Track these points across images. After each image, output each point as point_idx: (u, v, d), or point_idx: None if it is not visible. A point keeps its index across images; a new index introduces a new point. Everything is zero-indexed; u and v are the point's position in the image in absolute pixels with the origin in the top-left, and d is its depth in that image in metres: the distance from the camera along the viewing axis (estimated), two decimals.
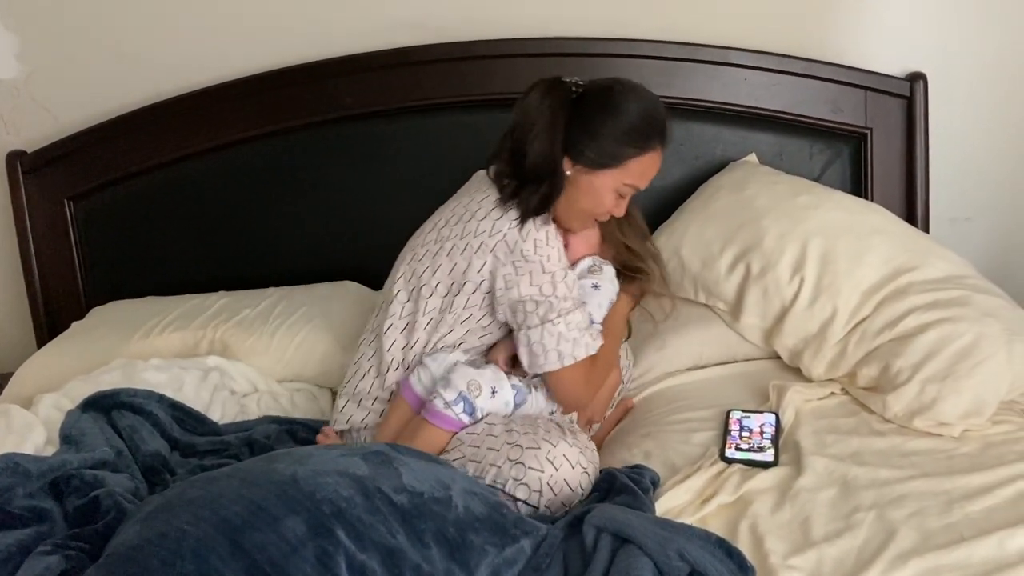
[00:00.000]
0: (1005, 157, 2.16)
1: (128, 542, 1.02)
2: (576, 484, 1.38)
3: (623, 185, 1.52)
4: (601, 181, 1.52)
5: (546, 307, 1.48)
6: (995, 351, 1.51)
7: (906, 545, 1.20)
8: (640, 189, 1.55)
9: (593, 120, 1.50)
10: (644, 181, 1.54)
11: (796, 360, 1.73)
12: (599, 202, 1.53)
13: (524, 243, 1.48)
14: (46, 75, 2.24)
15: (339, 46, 2.14)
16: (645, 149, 1.50)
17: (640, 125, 1.50)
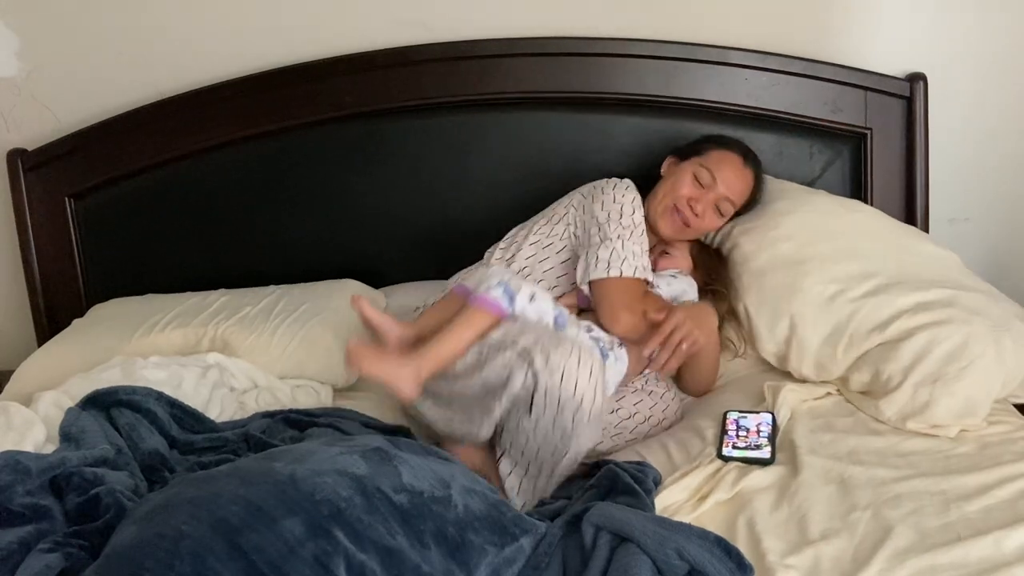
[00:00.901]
0: (1005, 158, 2.16)
1: (125, 542, 1.02)
2: (577, 405, 1.39)
3: (700, 167, 1.78)
4: (684, 167, 1.81)
5: (607, 229, 1.67)
6: (984, 350, 1.51)
7: (903, 544, 1.21)
8: (716, 184, 1.77)
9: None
10: (720, 171, 1.78)
11: (784, 364, 1.73)
12: (679, 184, 1.78)
13: (607, 186, 1.74)
14: (47, 73, 2.23)
15: (339, 45, 2.14)
16: (725, 147, 1.82)
17: (725, 137, 1.87)
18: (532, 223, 1.84)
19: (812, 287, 1.69)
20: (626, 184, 1.76)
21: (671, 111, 2.11)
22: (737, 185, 1.80)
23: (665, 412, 1.68)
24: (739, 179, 1.80)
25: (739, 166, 1.81)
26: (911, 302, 1.62)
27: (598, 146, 2.12)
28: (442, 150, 2.15)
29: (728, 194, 1.79)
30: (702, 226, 1.81)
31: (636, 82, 2.08)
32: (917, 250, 1.76)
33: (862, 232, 1.78)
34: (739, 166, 1.81)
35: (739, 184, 1.81)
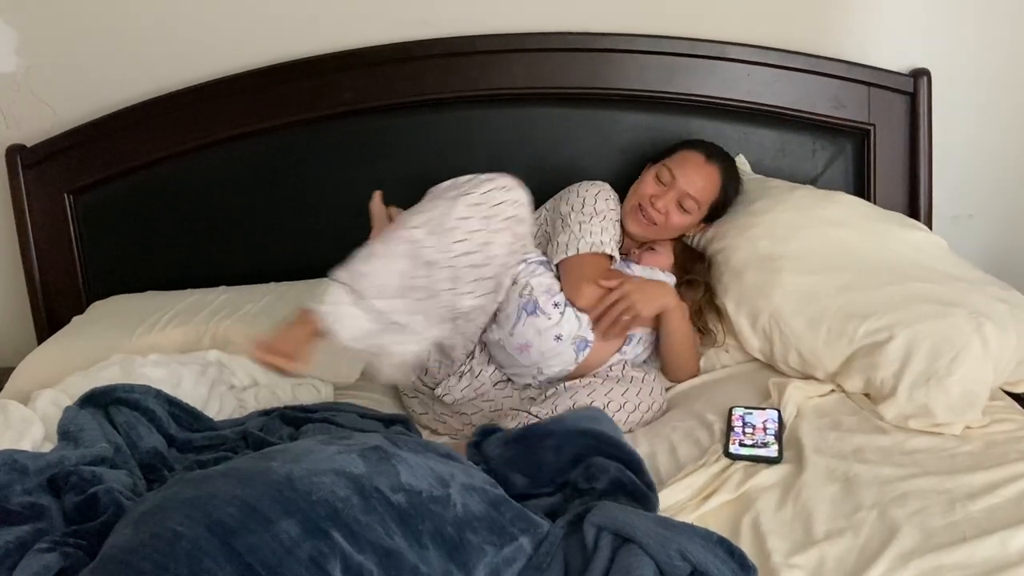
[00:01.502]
0: (1008, 154, 2.15)
1: (121, 544, 1.02)
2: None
3: (662, 167, 1.83)
4: (649, 169, 1.87)
5: (568, 219, 1.75)
6: (967, 340, 1.51)
7: (908, 544, 1.20)
8: (676, 181, 1.80)
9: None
10: (681, 169, 1.82)
11: (771, 359, 1.74)
12: (642, 184, 1.84)
13: (576, 187, 1.83)
14: (46, 69, 2.23)
15: (340, 40, 2.13)
16: (690, 147, 1.86)
17: (695, 140, 1.92)
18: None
19: (788, 282, 1.71)
20: (597, 184, 1.83)
21: (673, 107, 2.10)
22: (698, 181, 1.82)
23: (651, 396, 1.68)
24: (700, 176, 1.82)
25: (701, 163, 1.83)
26: (885, 295, 1.63)
27: (599, 142, 2.12)
28: (443, 146, 2.14)
29: (689, 190, 1.80)
30: (669, 223, 1.82)
31: (638, 78, 2.07)
32: (898, 238, 1.76)
33: (839, 223, 1.79)
34: (701, 163, 1.83)
35: (700, 180, 1.82)
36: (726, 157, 1.89)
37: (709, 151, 1.86)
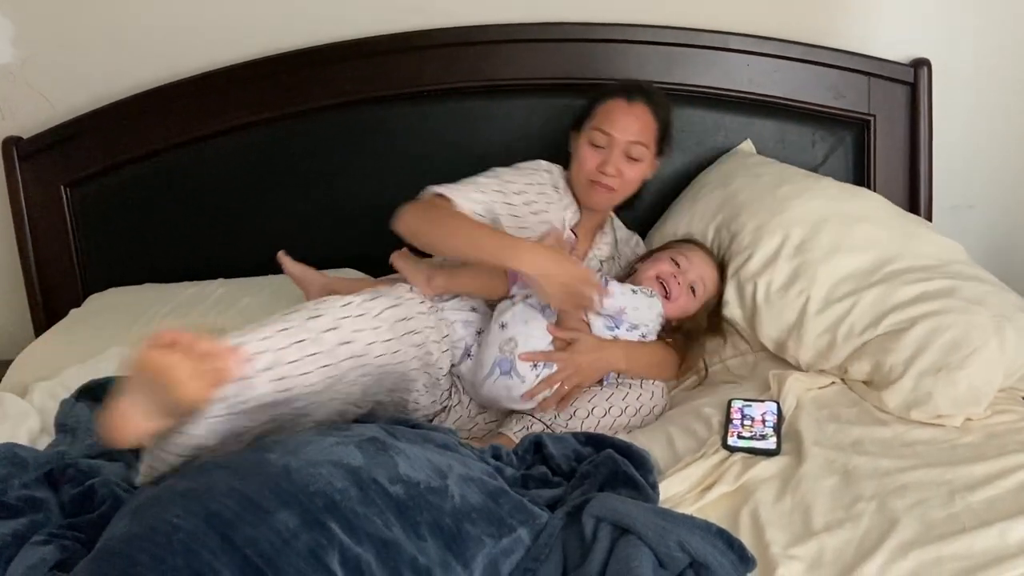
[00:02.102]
0: (1009, 145, 2.14)
1: (118, 536, 1.01)
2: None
3: (591, 131, 1.72)
4: (579, 139, 1.75)
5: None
6: (986, 340, 1.50)
7: (907, 535, 1.19)
8: (612, 136, 1.70)
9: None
10: (609, 122, 1.71)
11: (782, 351, 1.72)
12: (582, 159, 1.73)
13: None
14: (42, 61, 2.22)
15: (339, 31, 2.12)
16: (606, 96, 1.75)
17: (608, 85, 1.79)
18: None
19: (820, 274, 1.68)
20: (535, 162, 1.79)
21: (672, 97, 2.07)
22: (632, 125, 1.71)
23: (651, 400, 1.66)
24: (631, 118, 1.72)
25: (624, 107, 1.72)
26: (915, 291, 1.61)
27: None
28: (443, 137, 2.13)
29: (628, 138, 1.71)
30: (626, 182, 1.74)
31: (636, 68, 2.06)
32: (922, 238, 1.74)
33: (866, 219, 1.77)
34: (624, 107, 1.72)
35: (634, 123, 1.72)
36: (646, 89, 1.77)
37: (629, 89, 1.75)
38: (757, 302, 1.73)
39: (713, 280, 1.78)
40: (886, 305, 1.61)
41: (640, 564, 1.08)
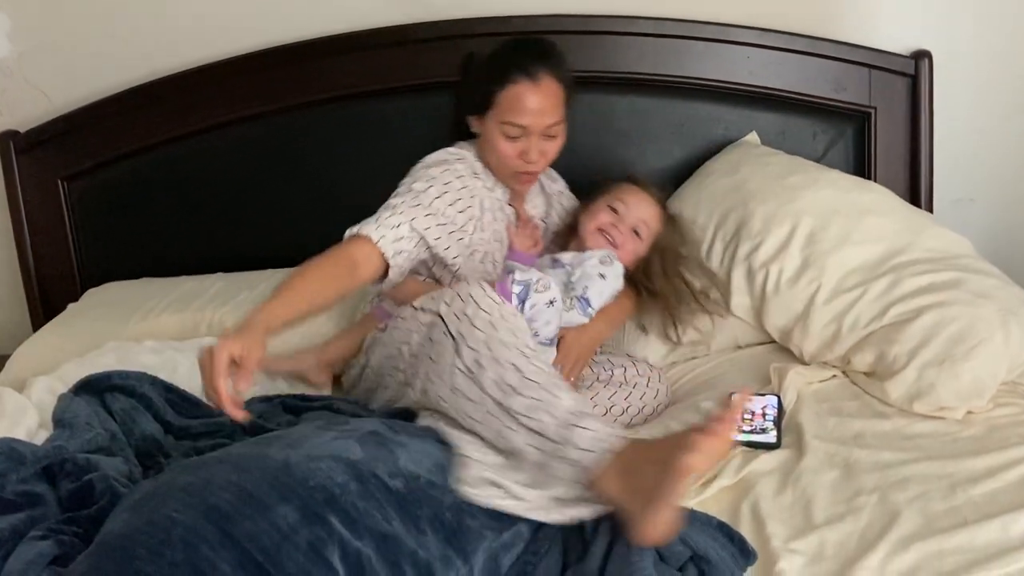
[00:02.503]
0: (1010, 138, 2.14)
1: (117, 530, 1.01)
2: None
3: (503, 124, 1.61)
4: (487, 127, 1.64)
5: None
6: (991, 333, 1.50)
7: (909, 529, 1.19)
8: (526, 127, 1.60)
9: (469, 70, 1.70)
10: (519, 109, 1.59)
11: (787, 340, 1.72)
12: (497, 149, 1.63)
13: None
14: (38, 54, 2.21)
15: (336, 24, 2.11)
16: (507, 77, 1.59)
17: (497, 60, 1.62)
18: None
19: (830, 264, 1.68)
20: (443, 152, 1.69)
21: (672, 90, 2.08)
22: (544, 102, 1.59)
23: (655, 399, 1.66)
24: (541, 95, 1.59)
25: (530, 87, 1.58)
26: (921, 283, 1.61)
27: (598, 126, 2.10)
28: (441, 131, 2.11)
29: (543, 120, 1.60)
30: (545, 160, 1.67)
31: (636, 61, 2.05)
32: (930, 232, 1.74)
33: (875, 211, 1.76)
34: (530, 87, 1.58)
35: (545, 100, 1.59)
36: (538, 53, 1.62)
37: (526, 64, 1.59)
38: (767, 291, 1.72)
39: (655, 217, 1.75)
40: (892, 296, 1.61)
41: (641, 559, 1.07)
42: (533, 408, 1.21)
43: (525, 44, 1.64)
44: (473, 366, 1.27)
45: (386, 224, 1.52)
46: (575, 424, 1.19)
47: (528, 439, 1.20)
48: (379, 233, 1.51)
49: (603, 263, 1.67)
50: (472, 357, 1.27)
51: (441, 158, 1.67)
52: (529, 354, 1.28)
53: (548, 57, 1.61)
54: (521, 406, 1.22)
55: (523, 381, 1.23)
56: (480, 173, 1.69)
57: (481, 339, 1.28)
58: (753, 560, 1.15)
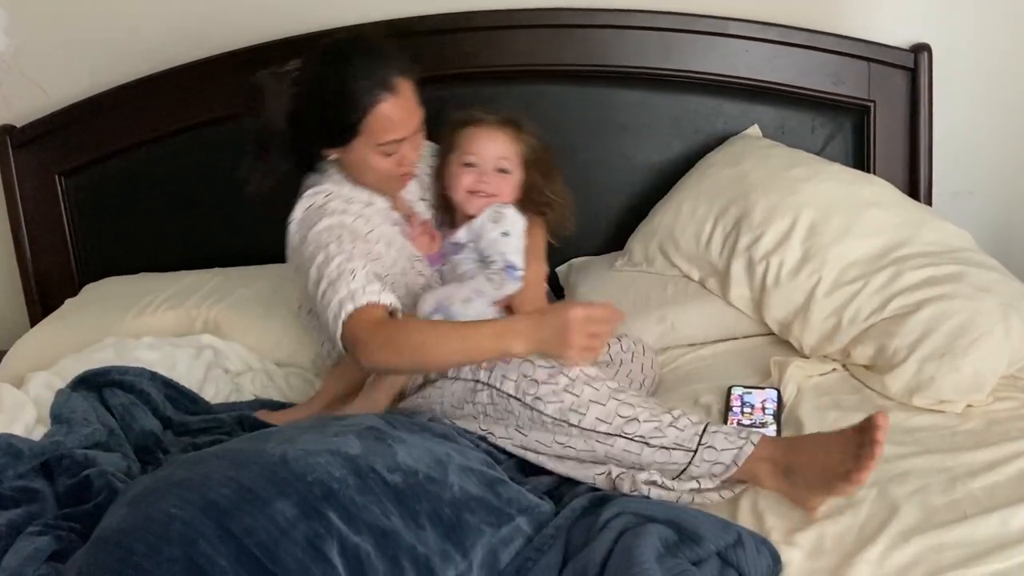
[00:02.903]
0: (1009, 131, 2.13)
1: (114, 526, 1.01)
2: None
3: (378, 146, 1.50)
4: (356, 154, 1.51)
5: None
6: (992, 327, 1.50)
7: (908, 522, 1.19)
8: (402, 139, 1.50)
9: (310, 108, 1.49)
10: (396, 131, 1.49)
11: (786, 333, 1.72)
12: (375, 169, 1.53)
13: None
14: (35, 48, 2.20)
15: (333, 18, 2.10)
16: (368, 106, 1.46)
17: (346, 84, 1.46)
18: None
19: (831, 257, 1.68)
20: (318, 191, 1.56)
21: (670, 84, 2.08)
22: (409, 106, 1.50)
23: (642, 373, 1.66)
24: (404, 101, 1.49)
25: (393, 100, 1.47)
26: (922, 276, 1.61)
27: (597, 120, 2.10)
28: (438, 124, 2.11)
29: (413, 124, 1.52)
30: (418, 154, 1.60)
31: (635, 54, 2.05)
32: (931, 225, 1.74)
33: (880, 204, 1.76)
34: (393, 100, 1.47)
35: (408, 104, 1.50)
36: (386, 59, 1.51)
37: (388, 78, 1.48)
38: (767, 284, 1.72)
39: (508, 144, 1.61)
40: (893, 289, 1.61)
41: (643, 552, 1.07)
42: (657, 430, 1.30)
43: (362, 55, 1.48)
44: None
45: (363, 286, 1.42)
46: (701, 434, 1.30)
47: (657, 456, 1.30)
48: (364, 293, 1.41)
49: (495, 222, 1.57)
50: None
51: (315, 215, 1.52)
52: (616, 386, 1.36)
53: (388, 57, 1.50)
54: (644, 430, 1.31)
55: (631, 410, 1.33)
56: (353, 198, 1.57)
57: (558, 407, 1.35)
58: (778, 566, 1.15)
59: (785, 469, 1.24)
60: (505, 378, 1.37)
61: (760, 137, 2.04)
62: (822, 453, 1.23)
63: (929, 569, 1.11)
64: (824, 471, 1.20)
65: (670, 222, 1.90)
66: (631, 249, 1.98)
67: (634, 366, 1.66)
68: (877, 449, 1.16)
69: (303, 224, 1.53)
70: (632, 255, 1.97)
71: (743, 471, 1.27)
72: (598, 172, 2.12)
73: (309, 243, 1.49)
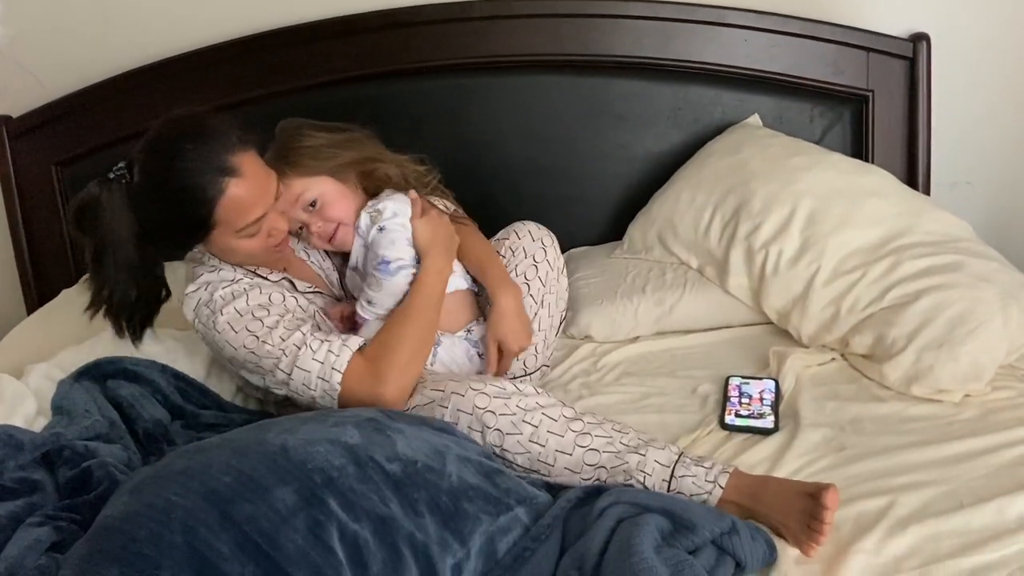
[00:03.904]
0: (1007, 120, 2.13)
1: (116, 514, 1.01)
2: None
3: (237, 232, 1.41)
4: (217, 244, 1.44)
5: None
6: (991, 316, 1.50)
7: (905, 512, 1.20)
8: (262, 217, 1.41)
9: (151, 212, 1.39)
10: (252, 212, 1.40)
11: (785, 322, 1.72)
12: (244, 251, 1.45)
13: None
14: (31, 38, 2.19)
15: (329, 7, 2.09)
16: (214, 200, 1.36)
17: (176, 184, 1.36)
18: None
19: (830, 246, 1.68)
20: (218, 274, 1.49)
21: (669, 74, 2.07)
22: (258, 180, 1.41)
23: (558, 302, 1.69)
24: (252, 178, 1.40)
25: (238, 182, 1.38)
26: (921, 265, 1.61)
27: (594, 110, 2.09)
28: (435, 115, 2.11)
29: (269, 196, 1.43)
30: (284, 234, 1.51)
31: (633, 44, 2.04)
32: (930, 215, 1.74)
33: (879, 194, 1.76)
34: (238, 182, 1.38)
35: (256, 178, 1.41)
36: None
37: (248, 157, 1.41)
38: (766, 272, 1.72)
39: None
40: (892, 278, 1.61)
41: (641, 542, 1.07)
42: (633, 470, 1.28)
43: (190, 141, 1.37)
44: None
45: (320, 348, 1.41)
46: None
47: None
48: (334, 355, 1.40)
49: (374, 222, 1.54)
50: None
51: (208, 313, 1.46)
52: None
53: (218, 134, 1.39)
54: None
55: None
56: (236, 277, 1.49)
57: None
58: (774, 554, 1.16)
59: (750, 514, 1.22)
60: (471, 429, 1.33)
61: (760, 126, 2.04)
62: (780, 505, 1.20)
63: (926, 558, 1.12)
64: (781, 526, 1.19)
65: (669, 210, 1.90)
66: (630, 237, 1.98)
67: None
68: (825, 528, 1.13)
69: (207, 326, 1.46)
70: (631, 243, 1.97)
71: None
72: (596, 163, 2.12)
73: (226, 343, 1.44)
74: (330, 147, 1.56)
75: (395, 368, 1.41)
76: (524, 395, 1.34)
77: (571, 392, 1.63)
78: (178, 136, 1.39)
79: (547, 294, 1.66)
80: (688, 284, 1.82)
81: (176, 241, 1.46)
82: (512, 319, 1.57)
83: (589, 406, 1.56)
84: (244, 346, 1.43)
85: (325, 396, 1.41)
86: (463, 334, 1.62)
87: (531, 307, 1.64)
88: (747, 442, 1.41)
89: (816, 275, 1.67)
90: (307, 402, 1.44)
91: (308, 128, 1.58)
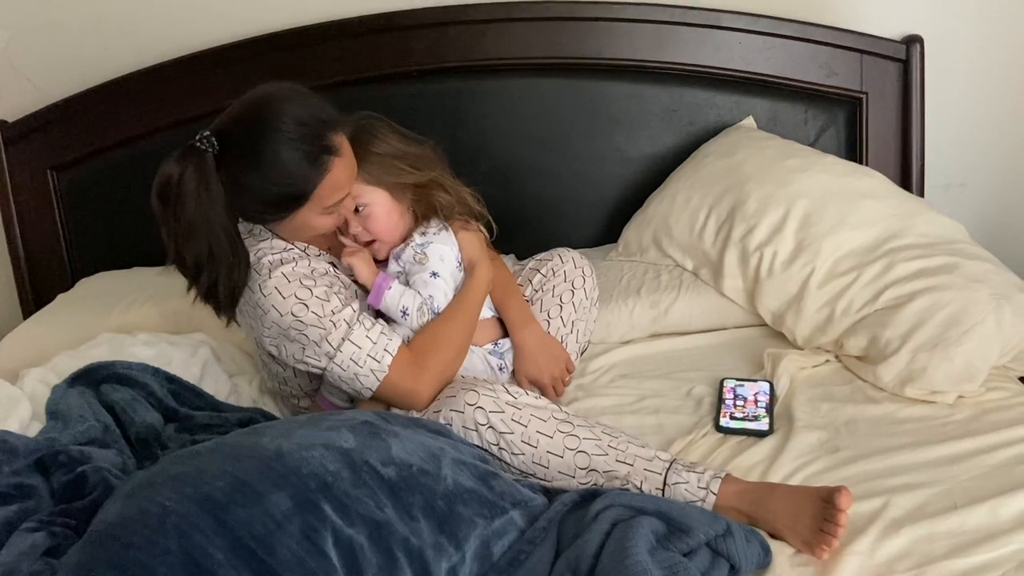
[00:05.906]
0: (1001, 122, 2.14)
1: (110, 519, 1.01)
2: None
3: (324, 209, 1.40)
4: (298, 220, 1.41)
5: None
6: (983, 317, 1.51)
7: (899, 513, 1.20)
8: (347, 194, 1.42)
9: (247, 182, 1.36)
10: (341, 192, 1.40)
11: (779, 323, 1.73)
12: (319, 227, 1.44)
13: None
14: (26, 43, 2.19)
15: (325, 10, 2.10)
16: (322, 174, 1.36)
17: (293, 156, 1.34)
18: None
19: (825, 248, 1.68)
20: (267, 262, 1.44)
21: (663, 76, 2.08)
22: (351, 165, 1.42)
23: (585, 284, 1.68)
24: (347, 162, 1.40)
25: (338, 162, 1.38)
26: (915, 267, 1.61)
27: (590, 113, 2.10)
28: (431, 118, 2.11)
29: (352, 182, 1.45)
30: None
31: (628, 47, 2.05)
32: (924, 217, 1.74)
33: (874, 196, 1.77)
34: (338, 162, 1.38)
35: (350, 162, 1.42)
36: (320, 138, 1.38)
37: (329, 144, 1.38)
38: (760, 274, 1.73)
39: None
40: (886, 280, 1.61)
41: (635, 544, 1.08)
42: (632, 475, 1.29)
43: (293, 120, 1.35)
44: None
45: (374, 328, 1.43)
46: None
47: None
48: (386, 337, 1.43)
49: (420, 263, 1.53)
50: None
51: (262, 257, 1.43)
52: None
53: (321, 113, 1.38)
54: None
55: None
56: (289, 246, 1.48)
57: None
58: (768, 556, 1.16)
59: (751, 519, 1.22)
60: (466, 428, 1.34)
61: (755, 128, 2.05)
62: (790, 510, 1.20)
63: (920, 560, 1.12)
64: (789, 531, 1.19)
65: (664, 212, 1.91)
66: (625, 238, 1.99)
67: (576, 301, 1.66)
68: (839, 530, 1.14)
69: (252, 290, 1.43)
70: (626, 245, 1.98)
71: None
72: (591, 165, 2.12)
73: (271, 307, 1.41)
74: (399, 160, 1.53)
75: (439, 364, 1.44)
76: (514, 395, 1.36)
77: (566, 394, 1.64)
78: (282, 111, 1.36)
79: (578, 320, 1.67)
80: (683, 286, 1.83)
81: (263, 212, 1.42)
82: (536, 355, 1.59)
83: (584, 408, 1.56)
84: (291, 312, 1.40)
85: (370, 376, 1.41)
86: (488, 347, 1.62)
87: (559, 330, 1.64)
88: (742, 445, 1.41)
89: (810, 277, 1.67)
90: (335, 380, 1.43)
91: (385, 130, 1.55)
